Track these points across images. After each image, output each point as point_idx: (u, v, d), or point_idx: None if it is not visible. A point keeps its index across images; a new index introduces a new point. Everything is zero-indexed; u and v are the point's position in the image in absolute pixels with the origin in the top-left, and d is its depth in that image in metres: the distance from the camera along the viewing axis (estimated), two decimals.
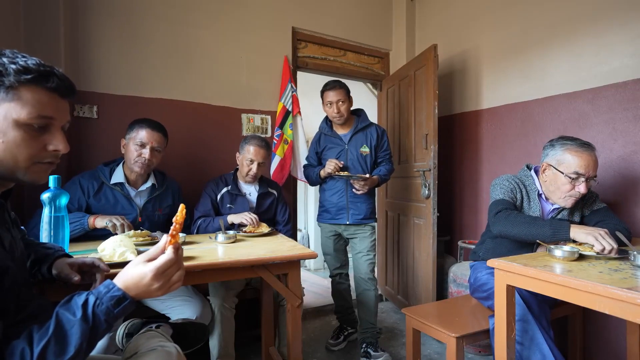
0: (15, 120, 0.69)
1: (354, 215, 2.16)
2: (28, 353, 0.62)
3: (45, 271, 0.94)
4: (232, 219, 1.83)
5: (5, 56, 0.69)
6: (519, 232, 1.42)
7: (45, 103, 0.72)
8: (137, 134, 1.67)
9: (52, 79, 0.72)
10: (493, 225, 1.51)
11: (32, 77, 0.69)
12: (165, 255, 0.76)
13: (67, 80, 0.75)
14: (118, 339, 1.35)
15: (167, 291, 0.78)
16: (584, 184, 1.45)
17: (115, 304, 0.71)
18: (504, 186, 1.61)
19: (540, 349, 1.26)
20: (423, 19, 3.07)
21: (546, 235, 1.36)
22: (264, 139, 2.01)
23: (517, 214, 1.49)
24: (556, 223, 1.38)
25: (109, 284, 0.73)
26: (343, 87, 2.13)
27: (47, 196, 1.18)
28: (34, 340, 0.64)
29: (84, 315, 0.68)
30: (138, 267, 0.75)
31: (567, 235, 1.32)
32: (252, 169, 1.95)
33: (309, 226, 4.57)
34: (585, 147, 1.47)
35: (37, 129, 0.72)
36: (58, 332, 0.65)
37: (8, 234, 0.78)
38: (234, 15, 2.43)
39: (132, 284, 0.74)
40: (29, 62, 0.70)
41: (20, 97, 0.69)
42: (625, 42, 1.80)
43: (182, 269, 0.80)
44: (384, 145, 2.23)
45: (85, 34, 2.00)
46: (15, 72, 0.68)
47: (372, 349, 2.08)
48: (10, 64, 0.68)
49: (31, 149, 0.72)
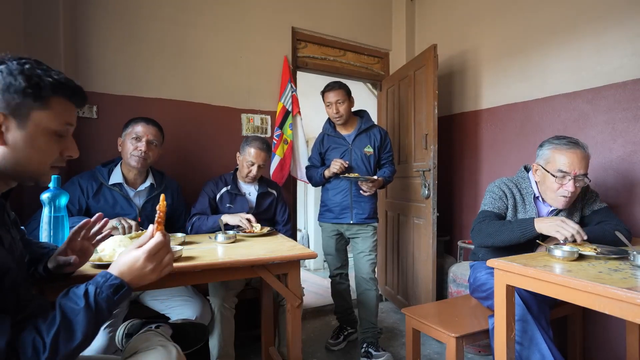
0: (46, 129, 0.76)
1: (357, 215, 2.16)
2: (40, 342, 0.66)
3: (41, 270, 0.94)
4: (228, 219, 1.81)
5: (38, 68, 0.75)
6: (494, 241, 1.48)
7: (68, 112, 0.80)
8: (133, 129, 1.69)
9: (77, 93, 0.81)
10: (472, 239, 1.57)
11: (65, 91, 0.78)
12: (154, 238, 0.82)
13: (84, 93, 0.84)
14: (118, 339, 1.35)
15: (160, 274, 0.83)
16: (571, 183, 1.44)
17: (114, 291, 0.76)
18: (493, 194, 1.63)
19: (540, 349, 1.26)
20: (423, 19, 3.07)
21: (516, 236, 1.41)
22: (265, 140, 2.01)
23: (488, 223, 1.52)
24: (521, 223, 1.41)
25: (105, 273, 0.77)
26: (342, 87, 2.13)
27: (47, 196, 1.18)
28: (43, 330, 0.67)
29: (87, 303, 0.72)
30: (131, 253, 0.81)
31: (534, 230, 1.37)
32: (252, 171, 1.96)
33: (309, 226, 4.57)
34: (571, 144, 1.45)
35: (60, 137, 0.79)
36: (64, 321, 0.69)
37: (8, 235, 0.78)
38: (234, 16, 2.43)
39: (127, 269, 0.79)
40: (61, 76, 0.78)
41: (51, 108, 0.76)
42: (625, 42, 1.80)
43: (171, 252, 0.86)
44: (387, 147, 2.24)
45: (85, 34, 2.00)
46: (52, 86, 0.75)
47: (374, 349, 2.08)
48: (46, 77, 0.75)
49: (54, 154, 0.79)
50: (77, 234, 0.99)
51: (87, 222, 1.00)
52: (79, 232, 0.99)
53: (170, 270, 0.86)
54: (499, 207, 1.60)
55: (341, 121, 2.17)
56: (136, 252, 0.80)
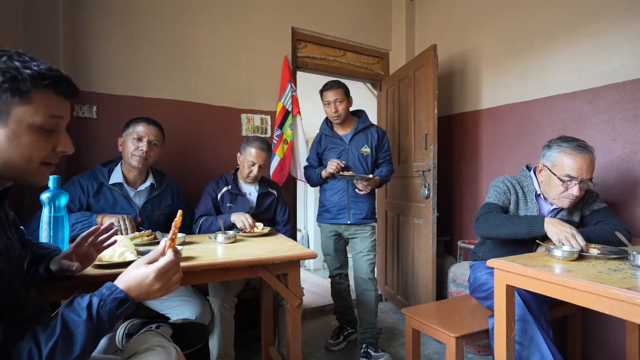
0: (29, 124, 0.71)
1: (354, 215, 2.16)
2: (36, 353, 0.65)
3: (42, 271, 0.94)
4: (234, 219, 1.82)
5: (15, 59, 0.69)
6: (498, 233, 1.47)
7: (55, 106, 0.74)
8: (134, 129, 1.69)
9: (62, 83, 0.74)
10: (475, 229, 1.56)
11: (47, 83, 0.71)
12: (166, 257, 0.81)
13: (73, 84, 0.77)
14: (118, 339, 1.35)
15: (165, 292, 0.81)
16: (576, 187, 1.44)
17: (117, 305, 0.74)
18: (498, 188, 1.62)
19: (540, 349, 1.26)
20: (423, 19, 3.07)
21: (523, 232, 1.40)
22: (266, 140, 2.00)
23: (495, 215, 1.51)
24: (531, 219, 1.41)
25: (111, 286, 0.76)
26: (341, 86, 2.13)
27: (47, 196, 1.17)
28: (41, 340, 0.66)
29: (89, 316, 0.70)
30: (140, 269, 0.79)
31: (542, 230, 1.36)
32: (252, 171, 1.96)
33: (309, 226, 4.57)
34: (580, 149, 1.44)
35: (47, 131, 0.74)
36: (65, 333, 0.68)
37: (3, 236, 0.77)
38: (234, 16, 2.43)
39: (135, 285, 0.77)
40: (42, 67, 0.71)
41: (32, 101, 0.71)
42: (625, 42, 1.80)
43: (180, 272, 0.84)
44: (384, 147, 2.23)
45: (85, 33, 2.00)
46: (32, 78, 0.69)
47: (373, 349, 2.08)
48: (24, 69, 0.69)
49: (43, 151, 0.74)
50: (85, 240, 0.99)
51: (96, 229, 1.01)
52: (87, 238, 0.99)
53: (177, 288, 0.85)
54: (504, 201, 1.60)
55: (339, 120, 2.17)
56: (146, 269, 0.78)
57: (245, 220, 1.78)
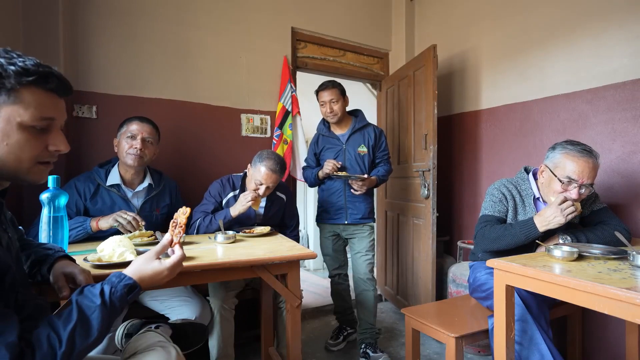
0: (19, 124, 0.69)
1: (352, 215, 2.16)
2: (55, 338, 0.67)
3: (45, 272, 0.94)
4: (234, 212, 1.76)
5: (2, 56, 0.68)
6: (499, 246, 1.49)
7: (46, 104, 0.72)
8: (127, 128, 1.69)
9: (51, 79, 0.72)
10: (475, 246, 1.57)
11: (33, 78, 0.69)
12: (178, 255, 0.91)
13: (64, 80, 0.75)
14: (117, 340, 1.35)
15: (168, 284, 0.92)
16: (575, 190, 1.42)
17: (128, 291, 0.80)
18: (493, 197, 1.63)
19: (539, 349, 1.26)
20: (422, 19, 3.07)
21: (521, 239, 1.43)
22: (280, 160, 1.82)
23: (491, 228, 1.53)
24: (523, 225, 1.43)
25: (119, 274, 0.82)
26: (336, 86, 2.13)
27: (46, 196, 1.17)
28: (58, 326, 0.68)
29: (103, 301, 0.75)
30: (154, 264, 0.87)
31: (537, 231, 1.39)
32: (259, 190, 1.80)
33: (309, 226, 4.56)
34: (584, 152, 1.43)
35: (39, 130, 0.72)
36: (82, 318, 0.71)
37: (5, 234, 0.77)
38: (234, 16, 2.43)
39: (148, 278, 0.85)
40: (28, 62, 0.69)
41: (21, 100, 0.69)
42: (624, 42, 1.80)
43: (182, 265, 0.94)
44: (381, 146, 2.23)
45: (84, 34, 2.00)
46: (16, 74, 0.67)
47: (371, 350, 2.08)
48: (9, 65, 0.67)
49: (34, 150, 0.72)
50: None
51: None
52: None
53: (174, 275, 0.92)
54: (499, 210, 1.60)
55: (335, 120, 2.16)
56: (160, 265, 0.87)
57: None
